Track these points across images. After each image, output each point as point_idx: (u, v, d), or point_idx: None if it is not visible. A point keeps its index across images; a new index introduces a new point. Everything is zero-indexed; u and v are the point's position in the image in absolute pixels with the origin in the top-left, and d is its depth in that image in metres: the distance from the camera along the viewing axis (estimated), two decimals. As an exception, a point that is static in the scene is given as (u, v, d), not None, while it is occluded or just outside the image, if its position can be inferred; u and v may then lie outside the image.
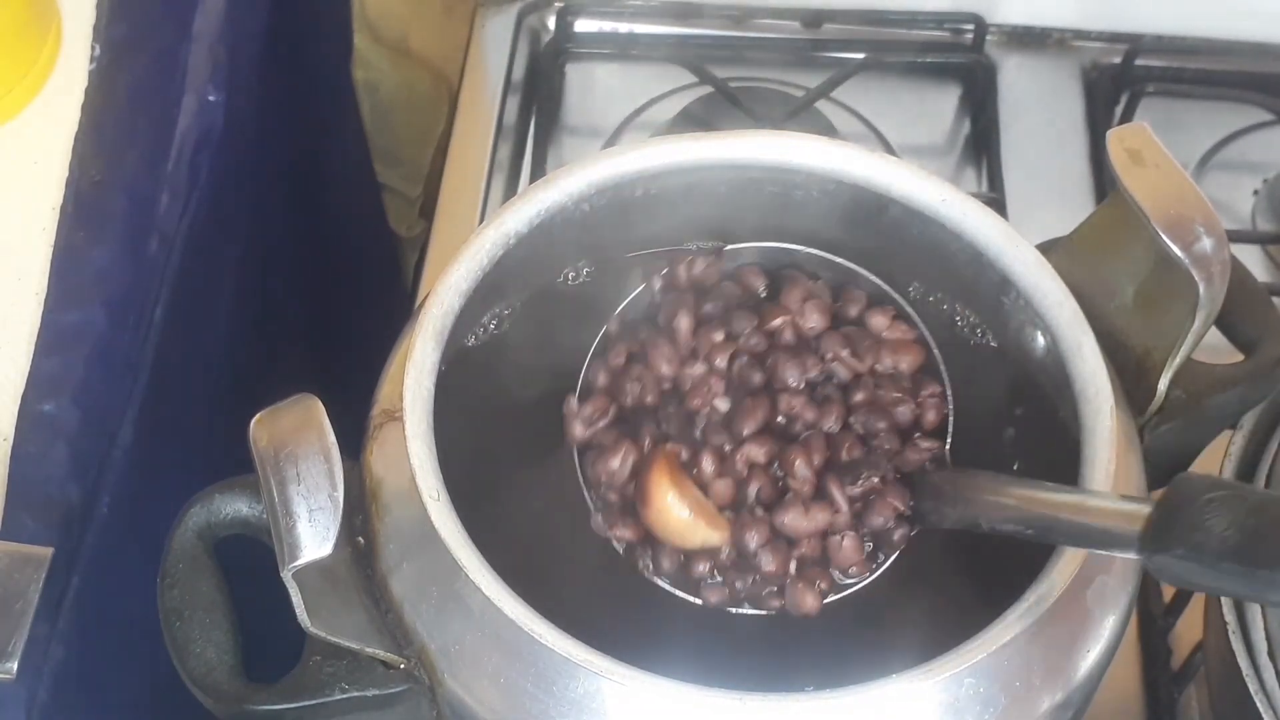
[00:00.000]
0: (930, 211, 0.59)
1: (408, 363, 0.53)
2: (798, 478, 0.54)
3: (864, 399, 0.56)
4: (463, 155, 0.95)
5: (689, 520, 0.53)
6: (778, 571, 0.54)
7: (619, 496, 0.55)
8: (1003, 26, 0.99)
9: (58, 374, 0.66)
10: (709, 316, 0.58)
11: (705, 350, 0.57)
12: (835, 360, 0.57)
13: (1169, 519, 0.44)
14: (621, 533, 0.55)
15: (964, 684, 0.49)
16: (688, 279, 0.59)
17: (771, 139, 0.60)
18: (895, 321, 0.58)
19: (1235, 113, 0.96)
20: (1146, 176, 0.55)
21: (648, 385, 0.56)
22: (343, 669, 0.52)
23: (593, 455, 0.56)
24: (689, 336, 0.57)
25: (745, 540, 0.54)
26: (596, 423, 0.56)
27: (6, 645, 0.58)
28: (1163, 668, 0.74)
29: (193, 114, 0.75)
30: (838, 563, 0.54)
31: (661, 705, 0.48)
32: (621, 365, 0.57)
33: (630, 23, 1.00)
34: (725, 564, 0.54)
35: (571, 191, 0.58)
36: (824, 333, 0.57)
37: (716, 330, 0.57)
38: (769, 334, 0.57)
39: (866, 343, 0.57)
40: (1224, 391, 0.58)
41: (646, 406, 0.56)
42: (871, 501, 0.54)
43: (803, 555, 0.54)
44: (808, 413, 0.55)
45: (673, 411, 0.56)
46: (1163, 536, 0.45)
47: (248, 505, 0.55)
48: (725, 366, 0.56)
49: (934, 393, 0.57)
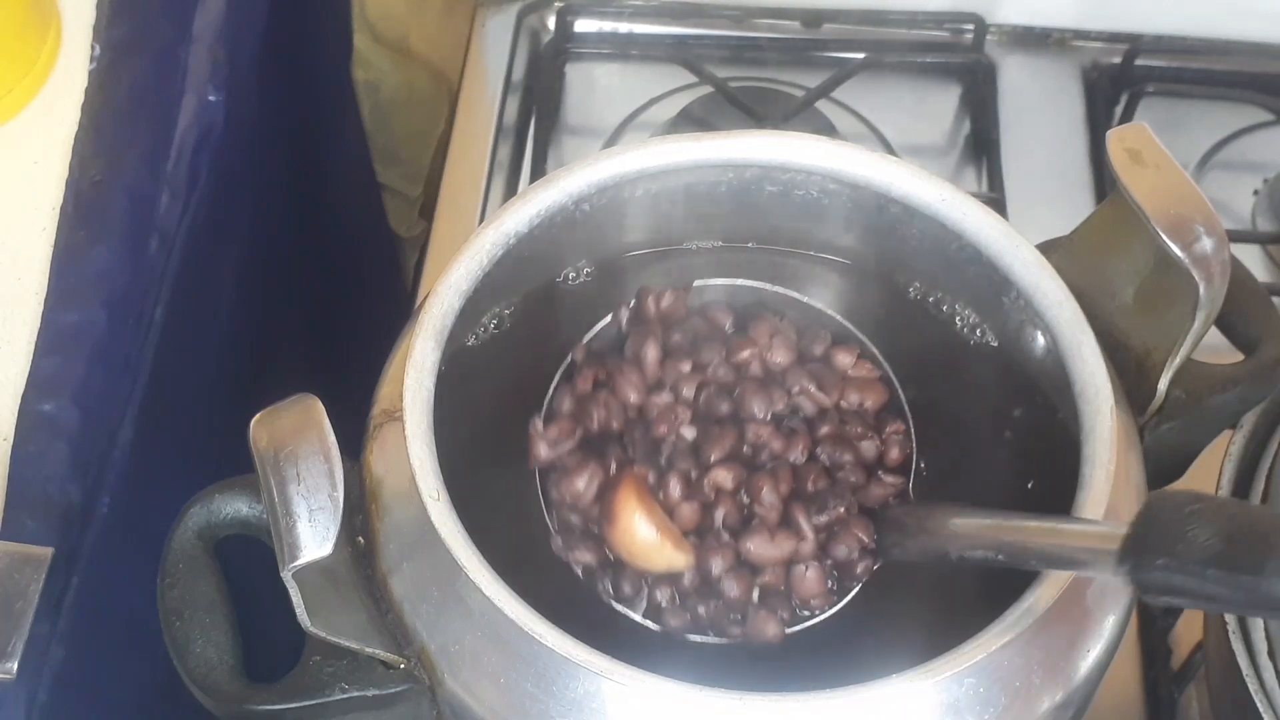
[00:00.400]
0: (930, 211, 0.59)
1: (408, 363, 0.53)
2: (765, 504, 0.54)
3: (830, 432, 0.56)
4: (463, 155, 0.95)
5: (655, 542, 0.53)
6: (740, 598, 0.54)
7: (581, 519, 0.55)
8: (1003, 26, 0.99)
9: (58, 374, 0.66)
10: (677, 347, 0.58)
11: (672, 380, 0.57)
12: (802, 394, 0.57)
13: (1149, 532, 0.44)
14: (581, 555, 0.54)
15: (964, 684, 0.49)
16: (655, 312, 0.59)
17: (771, 139, 0.60)
18: (860, 361, 0.58)
19: (1235, 113, 0.96)
20: (1146, 176, 0.55)
21: (613, 411, 0.56)
22: (343, 669, 0.52)
23: (556, 476, 0.55)
24: (656, 366, 0.57)
25: (710, 565, 0.54)
26: (561, 444, 0.56)
27: (6, 645, 0.58)
28: (1163, 668, 0.74)
29: (193, 114, 0.75)
30: (800, 594, 0.54)
31: (661, 705, 0.48)
32: (588, 391, 0.57)
33: (630, 23, 1.00)
34: (687, 590, 0.54)
35: (571, 191, 0.58)
36: (790, 367, 0.58)
37: (684, 361, 0.57)
38: (736, 366, 0.57)
39: (831, 379, 0.57)
40: (1224, 391, 0.58)
41: (612, 432, 0.56)
42: (836, 532, 0.54)
43: (765, 583, 0.54)
44: (774, 443, 0.56)
45: (639, 437, 0.56)
46: (1144, 549, 0.44)
47: (248, 505, 0.55)
48: (692, 396, 0.56)
49: (897, 430, 0.57)
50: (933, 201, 0.58)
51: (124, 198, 0.72)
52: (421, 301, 0.56)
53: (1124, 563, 0.45)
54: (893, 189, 0.59)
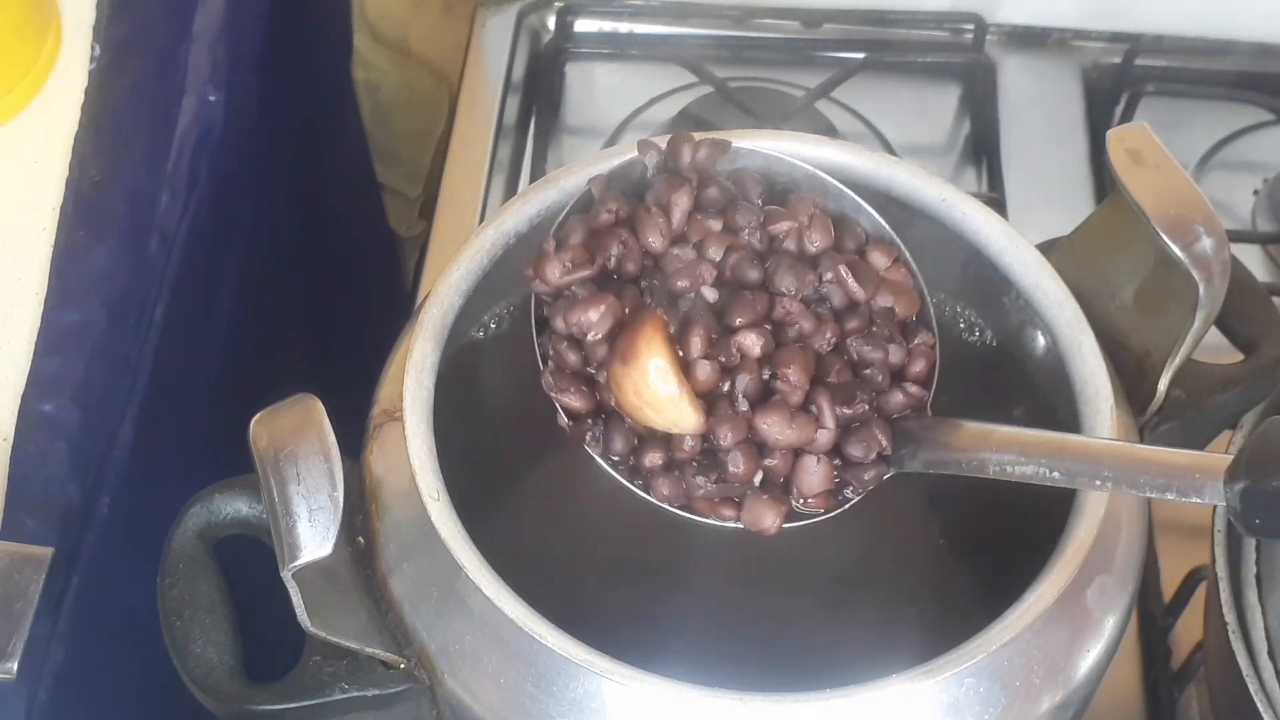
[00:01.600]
0: (930, 211, 0.59)
1: (408, 363, 0.53)
2: (790, 382, 0.49)
3: (858, 326, 0.52)
4: (463, 155, 0.95)
5: (672, 394, 0.48)
6: (745, 475, 0.49)
7: (579, 358, 0.51)
8: (1003, 26, 0.99)
9: (58, 374, 0.66)
10: (710, 202, 0.53)
11: (699, 236, 0.52)
12: (835, 283, 0.52)
13: (1267, 449, 0.42)
14: (571, 400, 0.50)
15: (964, 684, 0.49)
16: (690, 161, 0.54)
17: (771, 139, 0.60)
18: (895, 264, 0.55)
19: (1235, 113, 0.96)
20: (1146, 176, 0.55)
21: (632, 252, 0.51)
22: (343, 669, 0.52)
23: (564, 304, 0.51)
24: (685, 218, 0.52)
25: (720, 433, 0.49)
26: (576, 271, 0.51)
27: (6, 645, 0.58)
28: (1163, 668, 0.74)
29: (193, 114, 0.75)
30: (802, 488, 0.50)
31: (661, 705, 0.48)
32: (607, 225, 0.52)
33: (630, 23, 1.00)
34: (685, 458, 0.50)
35: (571, 191, 0.58)
36: (826, 252, 0.53)
37: (714, 219, 0.52)
38: (771, 237, 0.53)
39: (867, 273, 0.53)
40: (1224, 391, 0.58)
41: (627, 274, 0.51)
42: (856, 429, 0.51)
43: (771, 467, 0.50)
44: (804, 322, 0.51)
45: (658, 284, 0.51)
46: (1261, 468, 0.42)
47: (248, 505, 0.55)
48: (719, 258, 0.52)
49: (926, 341, 0.54)
50: (933, 201, 0.58)
51: (124, 198, 0.72)
52: (421, 301, 0.56)
53: (1235, 481, 0.43)
54: (893, 189, 0.59)
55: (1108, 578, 0.53)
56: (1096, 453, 0.48)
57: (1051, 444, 0.49)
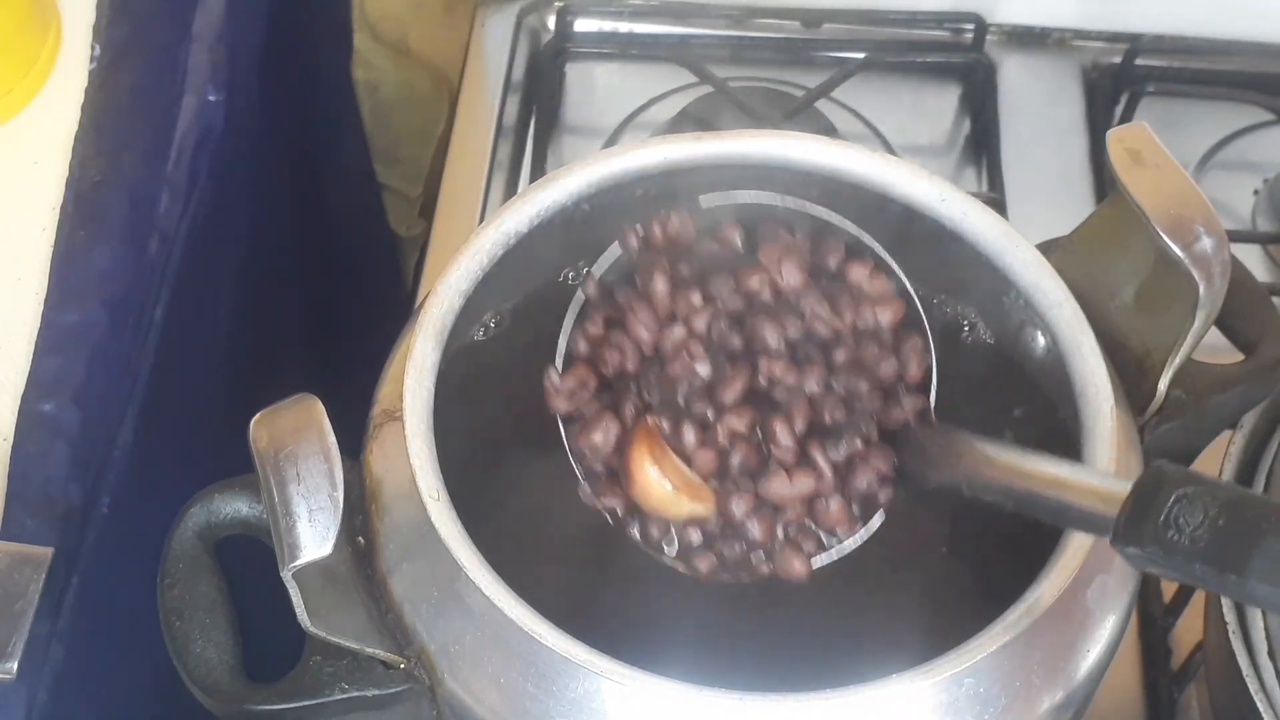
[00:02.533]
0: (930, 211, 0.59)
1: (408, 362, 0.53)
2: (780, 445, 0.53)
3: (845, 358, 0.55)
4: (463, 155, 0.95)
5: (672, 495, 0.52)
6: (765, 539, 0.53)
7: (605, 467, 0.55)
8: (1003, 26, 0.99)
9: (58, 374, 0.66)
10: (686, 278, 0.56)
11: (684, 314, 0.55)
12: (815, 319, 0.55)
13: (1143, 511, 0.44)
14: (609, 502, 0.54)
15: (964, 684, 0.49)
16: (663, 237, 0.57)
17: (771, 139, 0.60)
18: (875, 273, 0.56)
19: (1235, 113, 0.96)
20: (1146, 176, 0.55)
21: (627, 353, 0.55)
22: (343, 669, 0.52)
23: (577, 427, 0.55)
24: (666, 300, 0.55)
25: (731, 509, 0.53)
26: (578, 394, 0.55)
27: (6, 645, 0.58)
28: (1163, 668, 0.74)
29: (193, 114, 0.75)
30: (824, 524, 0.53)
31: (661, 705, 0.48)
32: (600, 334, 0.56)
33: (630, 23, 1.00)
34: (713, 532, 0.54)
35: (571, 191, 0.58)
36: (803, 289, 0.56)
37: (693, 292, 0.55)
38: (747, 294, 0.56)
39: (845, 298, 0.56)
40: (1224, 391, 0.58)
41: (628, 374, 0.55)
42: (855, 465, 0.53)
43: (789, 520, 0.53)
44: (789, 376, 0.54)
45: (654, 379, 0.55)
46: (1135, 530, 0.44)
47: (248, 505, 0.55)
48: (705, 330, 0.55)
49: (916, 346, 0.55)
50: (933, 201, 0.58)
51: (124, 198, 0.72)
52: (421, 301, 0.56)
53: (1116, 540, 0.45)
54: (893, 189, 0.59)
55: (1108, 578, 0.53)
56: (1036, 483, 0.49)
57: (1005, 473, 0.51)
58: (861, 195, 0.60)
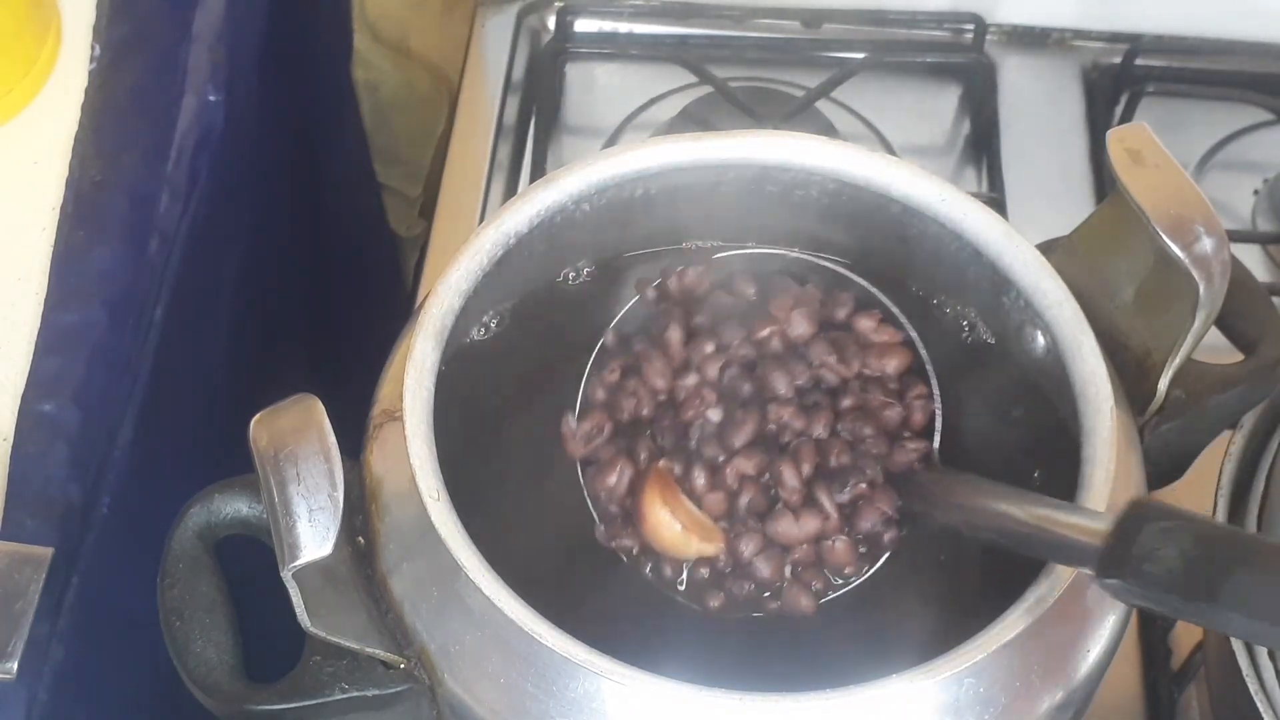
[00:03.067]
0: (930, 211, 0.59)
1: (408, 363, 0.53)
2: (787, 488, 0.55)
3: (851, 404, 0.57)
4: (463, 155, 0.95)
5: (681, 535, 0.54)
6: (773, 578, 0.55)
7: (620, 508, 0.56)
8: (1003, 26, 0.99)
9: (58, 374, 0.66)
10: (699, 328, 0.58)
11: (697, 362, 0.57)
12: (823, 367, 0.57)
13: (1123, 545, 0.45)
14: (624, 542, 0.56)
15: (964, 684, 0.49)
16: (679, 289, 0.60)
17: (771, 139, 0.60)
18: (882, 324, 0.58)
19: (1235, 113, 0.96)
20: (1146, 176, 0.55)
21: (643, 399, 0.57)
22: (343, 669, 0.52)
23: (593, 471, 0.57)
24: (680, 349, 0.58)
25: (740, 550, 0.55)
26: (594, 439, 0.57)
27: (6, 645, 0.58)
28: (1163, 668, 0.74)
29: (193, 114, 0.75)
30: (831, 564, 0.55)
31: (661, 705, 0.48)
32: (616, 380, 0.58)
33: (630, 23, 1.00)
34: (723, 571, 0.55)
35: (571, 191, 0.58)
36: (811, 339, 0.58)
37: (707, 342, 0.58)
38: (758, 343, 0.58)
39: (853, 348, 0.58)
40: (1224, 391, 0.58)
41: (642, 420, 0.57)
42: (860, 506, 0.55)
43: (796, 560, 0.55)
44: (796, 421, 0.56)
45: (667, 424, 0.57)
46: (1116, 563, 0.45)
47: (248, 505, 0.55)
48: (716, 377, 0.57)
49: (920, 394, 0.57)
50: (933, 201, 0.58)
51: (124, 198, 0.72)
52: (421, 301, 0.56)
53: (1099, 574, 0.46)
54: (893, 189, 0.59)
55: (1108, 578, 0.53)
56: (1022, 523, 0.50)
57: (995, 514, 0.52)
58: (861, 195, 0.60)
